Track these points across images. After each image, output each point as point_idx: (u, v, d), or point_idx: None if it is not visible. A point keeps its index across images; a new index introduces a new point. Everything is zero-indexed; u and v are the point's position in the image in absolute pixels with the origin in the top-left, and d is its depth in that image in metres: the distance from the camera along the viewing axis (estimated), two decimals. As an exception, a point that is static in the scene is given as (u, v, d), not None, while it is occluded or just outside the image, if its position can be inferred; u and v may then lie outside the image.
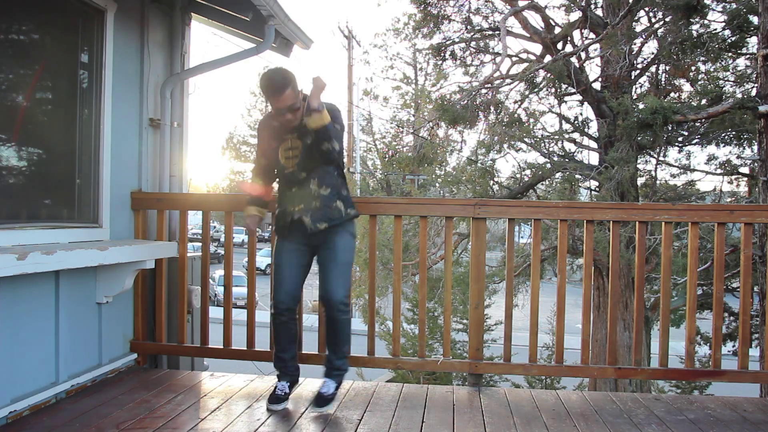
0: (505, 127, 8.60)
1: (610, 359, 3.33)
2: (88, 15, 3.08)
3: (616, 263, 3.28)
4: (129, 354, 3.40)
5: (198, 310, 3.65)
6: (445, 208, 3.48)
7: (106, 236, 3.16)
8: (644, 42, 8.59)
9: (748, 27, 7.44)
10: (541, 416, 2.75)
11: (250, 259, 3.47)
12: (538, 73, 8.41)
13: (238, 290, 15.75)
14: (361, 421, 2.63)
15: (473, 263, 3.30)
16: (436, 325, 11.75)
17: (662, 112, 6.72)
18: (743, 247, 3.17)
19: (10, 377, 2.54)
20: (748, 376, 3.17)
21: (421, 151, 10.41)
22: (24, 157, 2.85)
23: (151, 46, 3.55)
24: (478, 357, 3.29)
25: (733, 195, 9.47)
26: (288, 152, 2.78)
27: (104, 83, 3.14)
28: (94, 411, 2.67)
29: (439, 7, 9.48)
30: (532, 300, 3.27)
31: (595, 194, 8.66)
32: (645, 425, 2.65)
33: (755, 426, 2.68)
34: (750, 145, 8.36)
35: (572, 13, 9.15)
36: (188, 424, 2.54)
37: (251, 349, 3.39)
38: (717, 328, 3.18)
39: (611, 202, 6.28)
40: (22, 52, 2.80)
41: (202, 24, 4.05)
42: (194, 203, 3.56)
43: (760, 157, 6.15)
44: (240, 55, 3.72)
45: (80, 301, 2.99)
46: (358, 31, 47.73)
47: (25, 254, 2.34)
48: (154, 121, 3.59)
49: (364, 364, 3.28)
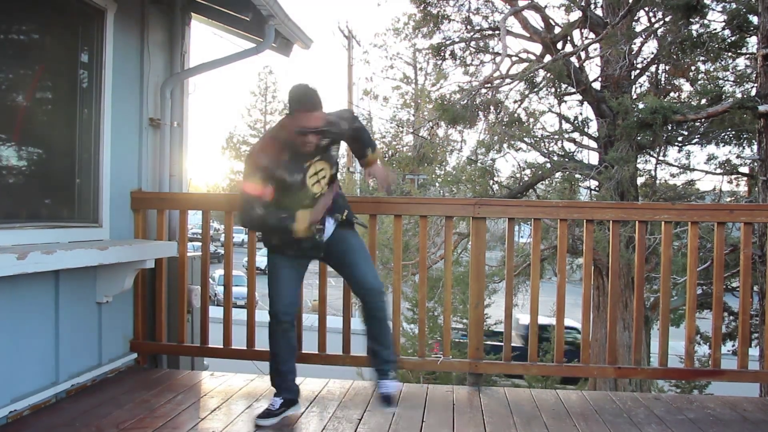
0: (505, 126, 8.60)
1: (610, 359, 3.33)
2: (88, 15, 3.08)
3: (615, 263, 3.28)
4: (129, 354, 3.40)
5: (198, 310, 3.65)
6: (445, 208, 3.48)
7: (106, 236, 3.16)
8: (644, 42, 8.59)
9: (748, 27, 7.45)
10: (541, 416, 2.75)
11: (250, 258, 3.47)
12: (538, 72, 8.41)
13: (238, 290, 15.74)
14: (361, 421, 2.63)
15: (473, 263, 3.30)
16: (436, 324, 11.74)
17: (662, 112, 6.72)
18: (743, 247, 3.17)
19: (10, 377, 2.54)
20: (748, 376, 3.17)
21: (421, 150, 10.40)
22: (24, 157, 2.85)
23: (151, 46, 3.55)
24: (478, 357, 3.29)
25: (733, 195, 9.47)
26: (314, 176, 2.59)
27: (104, 83, 3.14)
28: (94, 411, 2.67)
29: (439, 6, 9.48)
30: (532, 300, 3.27)
31: (595, 194, 8.66)
32: (645, 425, 2.65)
33: (755, 425, 2.68)
34: (750, 145, 8.36)
35: (572, 13, 9.15)
36: (188, 424, 2.54)
37: (251, 349, 3.39)
38: (717, 327, 3.18)
39: (611, 202, 6.26)
40: (22, 52, 2.80)
41: (202, 24, 4.05)
42: (194, 203, 3.56)
43: (759, 157, 6.16)
44: (240, 55, 3.72)
45: (80, 301, 2.99)
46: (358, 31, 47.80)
47: (25, 254, 2.34)
48: (154, 121, 3.59)
49: (365, 364, 3.27)
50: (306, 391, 3.02)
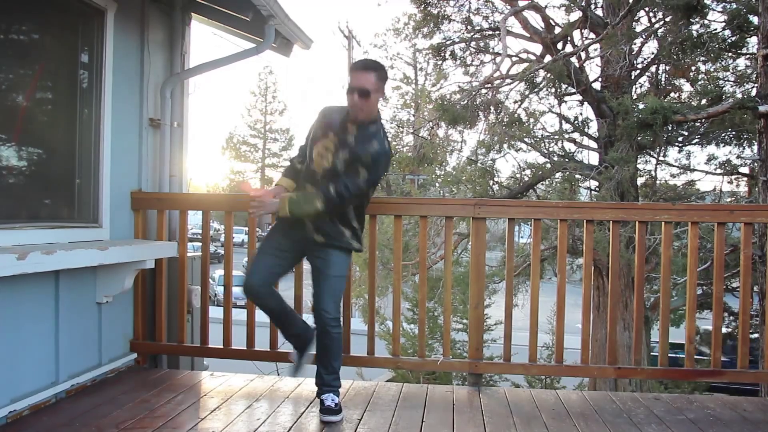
0: (505, 127, 8.60)
1: (610, 359, 3.33)
2: (88, 15, 3.08)
3: (616, 263, 3.28)
4: (129, 354, 3.39)
5: (198, 310, 3.65)
6: (445, 208, 3.48)
7: (106, 236, 3.16)
8: (644, 42, 8.60)
9: (748, 27, 7.45)
10: (541, 416, 2.75)
11: (250, 259, 3.47)
12: (538, 73, 8.41)
13: (238, 290, 15.66)
14: (361, 421, 2.63)
15: (473, 263, 3.30)
16: (436, 324, 11.75)
17: (662, 112, 6.72)
18: (743, 247, 3.17)
19: (10, 377, 2.54)
20: (748, 376, 3.17)
21: (421, 151, 10.39)
22: (24, 157, 2.85)
23: (151, 46, 3.55)
24: (478, 357, 3.29)
25: (733, 195, 9.46)
26: (322, 150, 2.64)
27: (104, 83, 3.14)
28: (93, 411, 2.67)
29: (439, 7, 9.48)
30: (532, 300, 3.27)
31: (595, 194, 8.66)
32: (645, 425, 2.65)
33: (755, 426, 2.68)
34: (750, 145, 8.36)
35: (572, 13, 9.16)
36: (188, 424, 2.54)
37: (251, 349, 3.39)
38: (717, 328, 3.18)
39: (611, 202, 6.26)
40: (22, 52, 2.80)
41: (202, 24, 4.04)
42: (194, 203, 3.56)
43: (760, 157, 6.16)
44: (240, 55, 3.71)
45: (80, 301, 2.99)
46: (358, 31, 47.77)
47: (25, 254, 2.34)
48: (154, 121, 3.59)
49: (364, 364, 3.28)
50: (306, 392, 3.02)
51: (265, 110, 43.45)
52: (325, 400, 2.65)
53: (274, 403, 2.86)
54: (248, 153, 44.15)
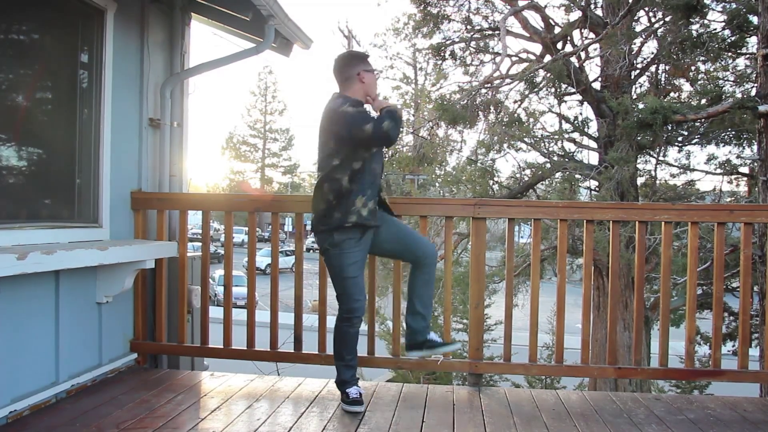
0: (505, 126, 8.60)
1: (610, 359, 3.33)
2: (88, 15, 3.08)
3: (616, 263, 3.28)
4: (129, 354, 3.39)
5: (198, 310, 3.65)
6: (445, 208, 3.48)
7: (106, 236, 3.16)
8: (644, 42, 8.60)
9: (748, 27, 7.45)
10: (541, 416, 2.75)
11: (250, 259, 3.47)
12: (537, 72, 8.42)
13: (238, 290, 15.75)
14: (361, 421, 2.63)
15: (473, 263, 3.30)
16: (436, 325, 11.75)
17: (662, 112, 6.72)
18: (743, 247, 3.17)
19: (10, 377, 2.54)
20: (748, 376, 3.17)
21: (421, 150, 10.39)
22: (24, 157, 2.85)
23: (151, 46, 3.55)
24: (478, 357, 3.29)
25: (733, 195, 9.47)
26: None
27: (104, 83, 3.14)
28: (94, 411, 2.67)
29: (439, 6, 9.49)
30: (532, 300, 3.27)
31: (595, 194, 8.66)
32: (645, 425, 2.65)
33: (755, 426, 2.68)
34: (750, 145, 8.36)
35: (572, 13, 9.16)
36: (188, 424, 2.54)
37: (251, 349, 3.39)
38: (717, 327, 3.18)
39: (611, 202, 6.27)
40: (22, 52, 2.80)
41: (202, 24, 4.05)
42: (194, 203, 3.56)
43: (759, 157, 6.16)
44: (240, 54, 3.71)
45: (80, 301, 2.99)
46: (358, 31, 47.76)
47: (25, 254, 2.34)
48: (154, 121, 3.59)
49: (365, 364, 3.27)
50: (306, 392, 3.02)
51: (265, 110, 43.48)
52: (433, 336, 2.90)
53: (275, 404, 2.86)
54: (248, 153, 44.19)
